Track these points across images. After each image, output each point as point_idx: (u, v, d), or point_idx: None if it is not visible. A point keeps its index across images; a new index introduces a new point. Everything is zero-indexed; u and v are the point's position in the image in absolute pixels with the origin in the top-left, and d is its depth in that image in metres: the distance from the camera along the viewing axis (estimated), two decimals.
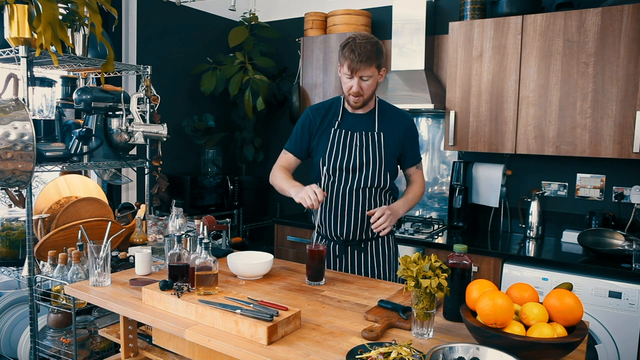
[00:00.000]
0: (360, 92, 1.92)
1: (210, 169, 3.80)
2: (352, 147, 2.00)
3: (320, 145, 2.05)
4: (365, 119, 2.04)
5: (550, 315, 1.19)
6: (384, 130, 2.02)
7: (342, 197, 2.01)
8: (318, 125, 2.07)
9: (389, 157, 2.01)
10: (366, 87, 1.92)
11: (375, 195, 2.02)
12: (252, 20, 3.85)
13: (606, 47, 2.52)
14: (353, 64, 1.86)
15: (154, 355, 1.72)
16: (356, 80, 1.90)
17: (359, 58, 1.85)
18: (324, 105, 2.11)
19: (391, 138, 2.02)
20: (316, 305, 1.56)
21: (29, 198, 2.03)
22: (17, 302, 2.43)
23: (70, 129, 2.40)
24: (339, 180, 2.01)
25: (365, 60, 1.85)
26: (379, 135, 2.01)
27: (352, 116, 2.05)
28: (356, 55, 1.85)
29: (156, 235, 2.27)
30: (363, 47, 1.85)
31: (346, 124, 2.04)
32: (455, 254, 1.43)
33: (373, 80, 1.93)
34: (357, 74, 1.88)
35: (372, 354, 1.13)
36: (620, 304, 2.29)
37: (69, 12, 2.18)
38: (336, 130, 2.03)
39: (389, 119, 2.04)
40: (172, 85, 3.66)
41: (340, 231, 2.03)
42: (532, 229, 2.96)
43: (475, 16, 2.96)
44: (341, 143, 2.01)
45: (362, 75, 1.89)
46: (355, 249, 2.06)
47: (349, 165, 1.99)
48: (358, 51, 1.85)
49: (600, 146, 2.56)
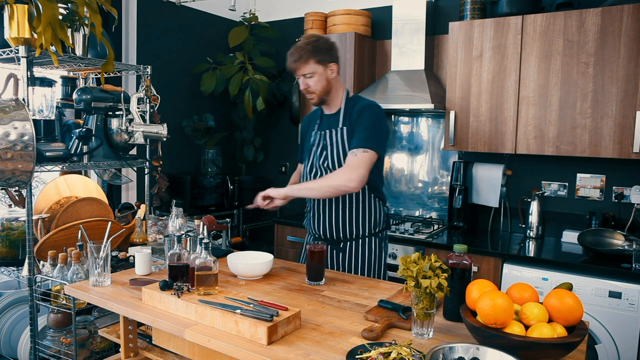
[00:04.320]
0: (308, 90, 2.00)
1: (210, 169, 3.80)
2: (324, 146, 2.06)
3: (306, 149, 2.16)
4: (334, 117, 2.08)
5: (550, 315, 1.19)
6: (346, 124, 2.03)
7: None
8: (305, 133, 2.21)
9: None
10: (313, 84, 1.98)
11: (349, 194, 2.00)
12: (252, 20, 3.85)
13: (606, 47, 2.52)
14: (290, 65, 1.98)
15: (154, 355, 1.72)
16: (301, 79, 2.00)
17: (293, 58, 1.96)
18: (312, 112, 2.22)
19: (350, 129, 2.01)
20: (316, 305, 1.56)
21: (29, 198, 2.03)
22: (17, 302, 2.43)
23: (70, 129, 2.40)
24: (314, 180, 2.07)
25: (298, 59, 1.94)
26: (341, 130, 2.03)
27: (326, 117, 2.11)
28: (291, 56, 1.96)
29: (156, 235, 2.27)
30: (299, 48, 1.95)
31: (322, 125, 2.11)
32: (455, 254, 1.43)
33: (319, 77, 1.97)
34: (298, 73, 1.98)
35: (372, 354, 1.13)
36: (620, 304, 2.29)
37: (69, 12, 2.18)
38: (316, 133, 2.11)
39: (350, 112, 2.05)
40: (172, 85, 3.66)
41: (324, 230, 2.07)
42: (532, 229, 2.96)
43: (475, 16, 2.96)
44: (317, 143, 2.09)
45: (304, 74, 1.97)
46: (335, 249, 2.08)
47: (323, 165, 2.05)
48: (293, 52, 1.96)
49: (600, 146, 2.56)
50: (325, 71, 1.98)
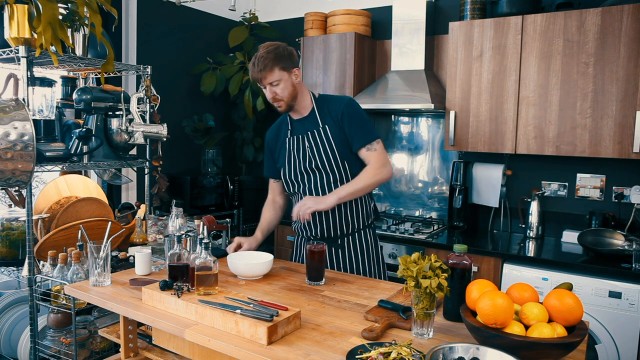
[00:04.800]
0: (276, 97, 1.98)
1: (210, 169, 3.80)
2: (306, 149, 2.04)
3: (282, 159, 2.13)
4: (309, 120, 2.07)
5: (550, 315, 1.19)
6: (327, 122, 2.03)
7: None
8: (274, 144, 2.17)
9: (340, 146, 2.01)
10: (280, 91, 1.97)
11: None
12: (252, 20, 3.85)
13: (606, 47, 2.52)
14: (254, 75, 1.95)
15: (154, 355, 1.72)
16: (268, 88, 1.97)
17: (257, 68, 1.93)
18: (277, 123, 2.20)
19: (333, 127, 2.02)
20: (316, 305, 1.56)
21: (29, 198, 2.03)
22: (17, 302, 2.43)
23: (70, 129, 2.40)
24: (303, 183, 2.06)
25: (263, 68, 1.92)
26: (324, 129, 2.03)
27: (298, 122, 2.10)
28: (255, 66, 1.94)
29: (156, 235, 2.27)
30: (262, 58, 1.93)
31: (296, 131, 2.09)
32: (455, 254, 1.43)
33: (285, 83, 1.97)
34: (264, 83, 1.96)
35: (372, 354, 1.13)
36: (620, 304, 2.29)
37: (69, 12, 2.18)
38: (290, 139, 2.09)
39: (327, 110, 2.06)
40: (172, 85, 3.66)
41: (314, 231, 2.07)
42: (532, 229, 2.96)
43: (475, 16, 2.96)
44: (295, 148, 2.07)
45: (271, 82, 1.95)
46: (332, 246, 2.07)
47: (307, 166, 2.04)
48: (255, 62, 1.94)
49: (600, 146, 2.56)
50: (290, 77, 1.98)
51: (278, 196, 2.28)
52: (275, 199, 2.28)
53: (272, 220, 2.26)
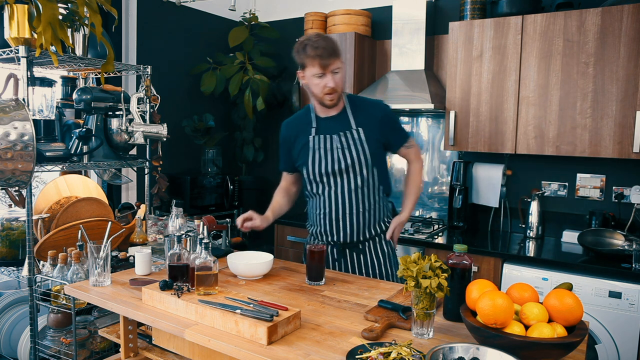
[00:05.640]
0: (335, 88, 1.89)
1: (210, 169, 3.80)
2: (334, 150, 1.96)
3: (302, 155, 2.03)
4: (339, 119, 1.99)
5: (550, 315, 1.19)
6: (361, 125, 1.97)
7: (334, 201, 1.99)
8: (293, 140, 2.07)
9: (374, 151, 1.97)
10: (339, 80, 1.90)
11: (368, 195, 1.99)
12: (252, 20, 3.85)
13: (606, 47, 2.52)
14: (324, 60, 1.83)
15: (154, 355, 1.72)
16: (330, 76, 1.87)
17: (327, 52, 1.82)
18: (297, 117, 2.12)
19: (370, 131, 1.97)
20: (316, 305, 1.56)
21: (29, 198, 2.03)
22: (17, 302, 2.42)
23: (70, 129, 2.40)
24: (328, 186, 1.99)
25: (333, 52, 1.84)
26: (357, 131, 1.96)
27: (326, 120, 2.01)
28: (322, 50, 1.82)
29: (156, 235, 2.27)
30: (324, 42, 1.83)
31: (322, 129, 2.00)
32: (455, 254, 1.43)
33: (342, 73, 1.91)
34: (329, 69, 1.85)
35: (372, 354, 1.13)
36: (620, 304, 2.29)
37: (69, 12, 2.18)
38: (314, 138, 2.00)
39: (363, 113, 1.99)
40: (172, 85, 3.66)
41: (337, 236, 2.01)
42: (532, 229, 2.96)
43: (475, 16, 2.96)
44: (321, 149, 1.98)
45: (334, 69, 1.86)
46: (354, 251, 2.03)
47: (334, 169, 1.96)
48: (322, 47, 1.82)
49: (600, 146, 2.56)
50: (343, 68, 1.92)
51: (291, 185, 2.21)
52: (288, 187, 2.22)
53: (283, 204, 2.19)
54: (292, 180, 2.21)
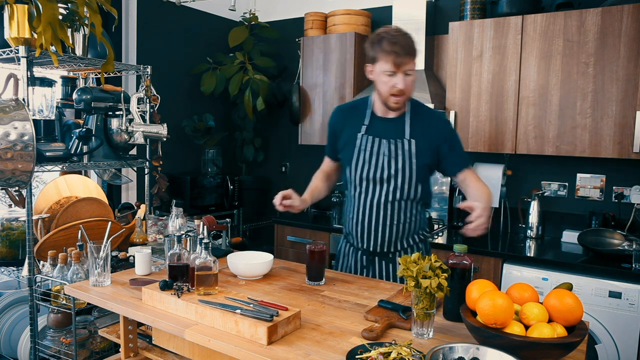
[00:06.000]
0: (404, 90, 1.73)
1: (210, 169, 3.80)
2: (380, 156, 1.83)
3: (346, 152, 1.91)
4: (395, 124, 1.85)
5: (550, 315, 1.19)
6: (416, 136, 1.82)
7: (369, 209, 1.88)
8: (342, 128, 1.94)
9: (421, 166, 1.83)
10: (410, 83, 1.74)
11: (405, 208, 1.88)
12: (252, 20, 3.85)
13: (606, 47, 2.52)
14: (399, 58, 1.67)
15: (154, 355, 1.72)
16: (401, 77, 1.71)
17: (404, 50, 1.67)
18: (353, 105, 1.97)
19: (424, 144, 1.82)
20: (316, 305, 1.56)
21: (29, 198, 2.03)
22: (17, 302, 2.43)
23: (70, 129, 2.40)
24: (365, 192, 1.88)
25: (410, 52, 1.69)
26: (409, 142, 1.82)
27: (380, 121, 1.87)
28: (400, 47, 1.67)
29: (156, 235, 2.27)
30: (403, 39, 1.68)
31: (374, 129, 1.87)
32: (455, 254, 1.43)
33: (414, 76, 1.75)
34: (402, 69, 1.69)
35: (372, 354, 1.13)
36: (620, 304, 2.29)
37: (69, 12, 2.18)
38: (363, 137, 1.87)
39: (421, 123, 1.83)
40: (172, 85, 3.66)
41: (367, 243, 1.92)
42: (532, 229, 2.96)
43: (475, 16, 2.96)
44: (367, 151, 1.85)
45: (407, 70, 1.70)
46: (384, 260, 1.94)
47: (375, 176, 1.84)
48: (400, 44, 1.67)
49: (600, 146, 2.56)
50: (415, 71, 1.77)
51: (333, 172, 2.10)
52: (330, 173, 2.09)
53: (322, 189, 2.06)
54: (334, 167, 2.09)
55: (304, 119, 3.64)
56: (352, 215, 1.95)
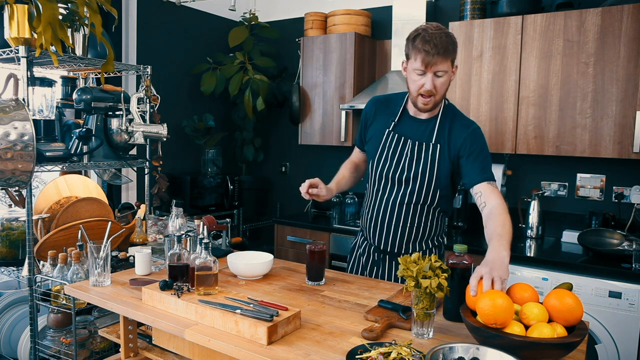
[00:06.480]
0: (433, 92, 1.67)
1: (210, 169, 3.80)
2: (403, 156, 1.80)
3: (371, 146, 1.89)
4: (424, 126, 1.80)
5: (550, 315, 1.19)
6: (441, 141, 1.77)
7: (384, 208, 1.87)
8: (373, 120, 1.90)
9: (443, 172, 1.78)
10: (440, 85, 1.67)
11: (420, 212, 1.84)
12: (252, 20, 3.85)
13: (606, 47, 2.52)
14: (428, 57, 1.61)
15: (154, 355, 1.72)
16: (430, 77, 1.65)
17: (436, 50, 1.60)
18: (387, 100, 1.92)
19: (448, 151, 1.77)
20: (316, 305, 1.56)
21: (29, 198, 2.03)
22: (17, 302, 2.43)
23: (70, 129, 2.40)
24: (382, 190, 1.86)
25: (443, 52, 1.61)
26: (434, 147, 1.77)
27: (410, 120, 1.83)
28: (432, 46, 1.60)
29: (156, 235, 2.27)
30: (438, 38, 1.61)
31: (402, 128, 1.83)
32: (455, 254, 1.43)
33: (447, 77, 1.68)
34: (432, 69, 1.64)
35: (372, 354, 1.13)
36: (620, 304, 2.29)
37: (69, 12, 2.18)
38: (390, 133, 1.83)
39: (450, 128, 1.78)
40: (172, 85, 3.66)
41: (379, 241, 1.91)
42: (532, 229, 2.96)
43: (475, 16, 2.96)
44: (391, 150, 1.82)
45: (437, 71, 1.64)
46: (394, 260, 1.91)
47: (395, 176, 1.82)
48: (434, 42, 1.61)
49: (600, 146, 2.56)
50: (451, 73, 1.69)
51: (362, 162, 2.05)
52: (358, 164, 2.04)
53: (349, 179, 2.01)
54: (362, 159, 2.04)
55: (304, 119, 3.64)
56: (367, 211, 1.94)
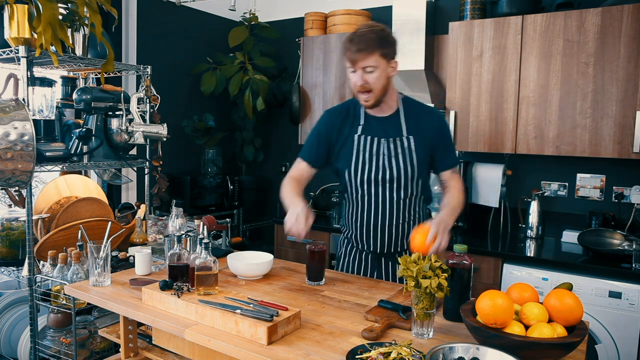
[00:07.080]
0: (366, 86, 1.74)
1: (210, 169, 3.80)
2: (380, 156, 1.83)
3: (344, 154, 1.88)
4: (390, 122, 1.85)
5: (550, 315, 1.19)
6: (413, 133, 1.83)
7: (374, 211, 1.87)
8: (338, 130, 1.90)
9: (421, 162, 1.84)
10: (373, 80, 1.73)
11: (409, 206, 1.88)
12: (252, 20, 3.85)
13: (606, 47, 2.52)
14: (352, 55, 1.71)
15: (154, 355, 1.72)
16: (359, 73, 1.73)
17: (357, 47, 1.70)
18: (343, 108, 1.95)
19: (421, 140, 1.83)
20: (316, 305, 1.56)
21: (29, 198, 2.03)
22: (17, 302, 2.43)
23: (70, 129, 2.40)
24: (368, 194, 1.87)
25: (365, 48, 1.69)
26: (408, 139, 1.83)
27: (374, 120, 1.87)
28: (355, 44, 1.70)
29: (156, 235, 2.27)
30: (363, 36, 1.70)
31: (370, 129, 1.86)
32: (455, 254, 1.43)
33: (380, 72, 1.73)
34: (359, 65, 1.72)
35: (372, 354, 1.13)
36: (620, 304, 2.29)
37: (69, 12, 2.18)
38: (360, 137, 1.85)
39: (417, 119, 1.85)
40: (172, 85, 3.66)
41: (374, 244, 1.91)
42: (532, 229, 2.96)
43: (475, 16, 2.96)
44: (367, 152, 1.84)
45: (365, 67, 1.71)
46: (390, 260, 1.93)
47: (377, 177, 1.84)
48: (357, 40, 1.71)
49: (600, 146, 2.56)
50: (387, 67, 1.74)
51: (305, 180, 1.96)
52: (300, 181, 1.94)
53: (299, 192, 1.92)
54: (308, 175, 1.96)
55: (304, 119, 3.64)
56: (355, 218, 1.92)
